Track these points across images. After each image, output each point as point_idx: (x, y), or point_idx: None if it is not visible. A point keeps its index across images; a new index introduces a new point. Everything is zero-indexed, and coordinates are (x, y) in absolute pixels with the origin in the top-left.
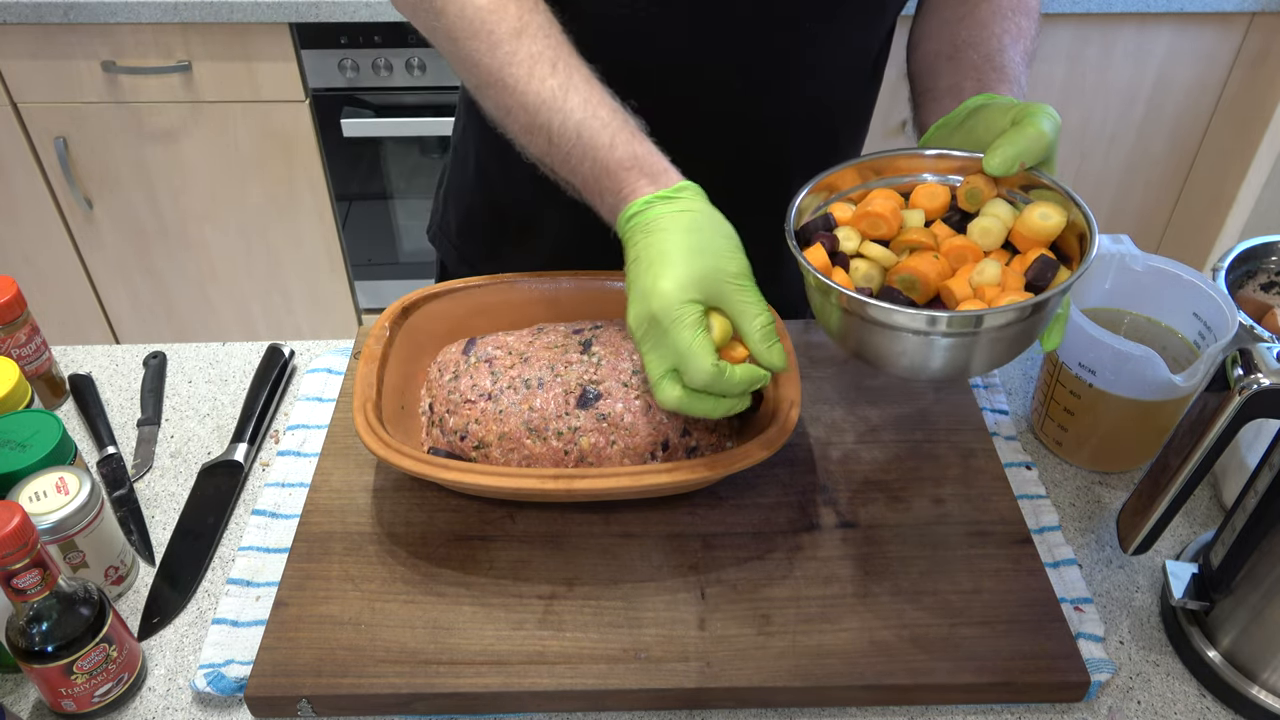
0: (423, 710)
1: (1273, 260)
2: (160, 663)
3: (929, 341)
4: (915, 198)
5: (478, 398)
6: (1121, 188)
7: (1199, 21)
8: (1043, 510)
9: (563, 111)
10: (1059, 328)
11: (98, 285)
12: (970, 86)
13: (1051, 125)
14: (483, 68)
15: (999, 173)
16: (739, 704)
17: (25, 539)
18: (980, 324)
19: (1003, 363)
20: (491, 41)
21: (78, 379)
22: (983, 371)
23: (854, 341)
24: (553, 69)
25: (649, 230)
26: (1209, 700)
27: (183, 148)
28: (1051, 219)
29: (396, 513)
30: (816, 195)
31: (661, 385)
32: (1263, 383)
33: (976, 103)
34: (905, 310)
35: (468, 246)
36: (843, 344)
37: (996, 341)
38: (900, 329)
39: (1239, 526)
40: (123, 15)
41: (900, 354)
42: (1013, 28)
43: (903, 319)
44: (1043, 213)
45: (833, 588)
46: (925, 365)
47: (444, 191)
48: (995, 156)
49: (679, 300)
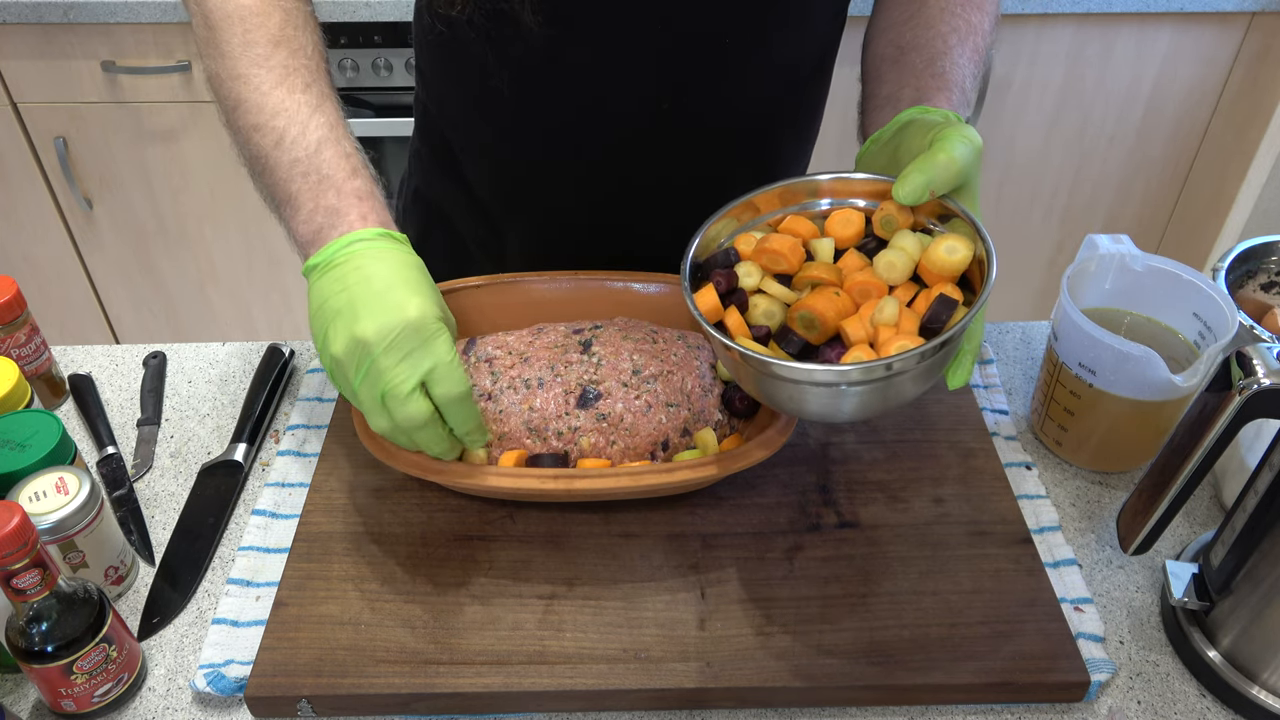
0: (423, 710)
1: (1273, 260)
2: (160, 663)
3: (801, 390)
4: (830, 224)
5: (478, 398)
6: (1121, 188)
7: (1199, 21)
8: (1043, 510)
9: (304, 125)
10: (963, 365)
11: (98, 285)
12: (908, 96)
13: (965, 150)
14: (230, 59)
15: (907, 202)
16: (739, 704)
17: (25, 539)
18: (847, 378)
19: (892, 408)
20: (247, 40)
21: (78, 379)
22: (870, 416)
23: (749, 385)
24: (305, 88)
25: (381, 257)
26: (1209, 700)
27: (183, 148)
28: (958, 253)
29: (396, 513)
30: (730, 221)
31: (412, 398)
32: (1263, 383)
33: (905, 118)
34: (769, 359)
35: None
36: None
37: (878, 389)
38: (776, 378)
39: (1239, 526)
40: (123, 15)
41: (785, 400)
42: (961, 25)
43: (780, 370)
44: (949, 246)
45: (833, 588)
46: (802, 410)
47: (401, 203)
48: (904, 185)
49: (435, 316)
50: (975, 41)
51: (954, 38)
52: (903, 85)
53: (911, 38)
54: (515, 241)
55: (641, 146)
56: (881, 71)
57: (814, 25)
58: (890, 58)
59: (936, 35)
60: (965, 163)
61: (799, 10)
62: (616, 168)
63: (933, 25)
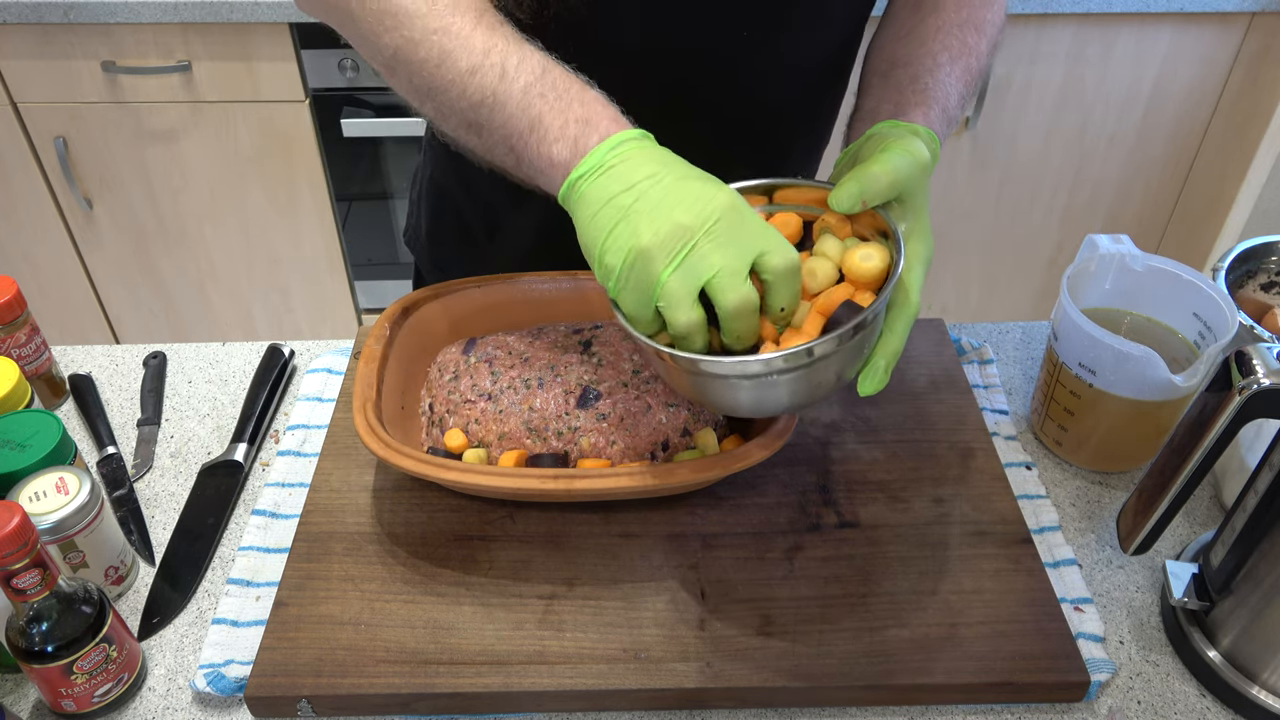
0: (423, 710)
1: (1273, 260)
2: (160, 663)
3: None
4: None
5: (478, 398)
6: (1121, 188)
7: (1199, 21)
8: (1043, 510)
9: (520, 54)
10: (874, 373)
11: (98, 285)
12: (887, 110)
13: (903, 162)
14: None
15: (839, 209)
16: (739, 704)
17: (25, 539)
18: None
19: (818, 397)
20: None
21: (78, 379)
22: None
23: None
24: (501, 23)
25: (656, 155)
26: (1209, 700)
27: (183, 148)
28: (872, 260)
29: (396, 513)
30: None
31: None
32: (1263, 383)
33: (875, 130)
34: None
35: (437, 250)
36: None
37: (803, 376)
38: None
39: (1239, 526)
40: (123, 15)
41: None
42: (954, 44)
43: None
44: (864, 254)
45: (833, 588)
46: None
47: (415, 194)
48: (837, 193)
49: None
50: (968, 62)
51: (944, 55)
52: (884, 100)
53: (904, 54)
54: (526, 230)
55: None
56: (870, 85)
57: (832, 25)
58: (880, 71)
59: (927, 53)
60: (899, 175)
61: (815, 7)
62: None
63: (926, 43)
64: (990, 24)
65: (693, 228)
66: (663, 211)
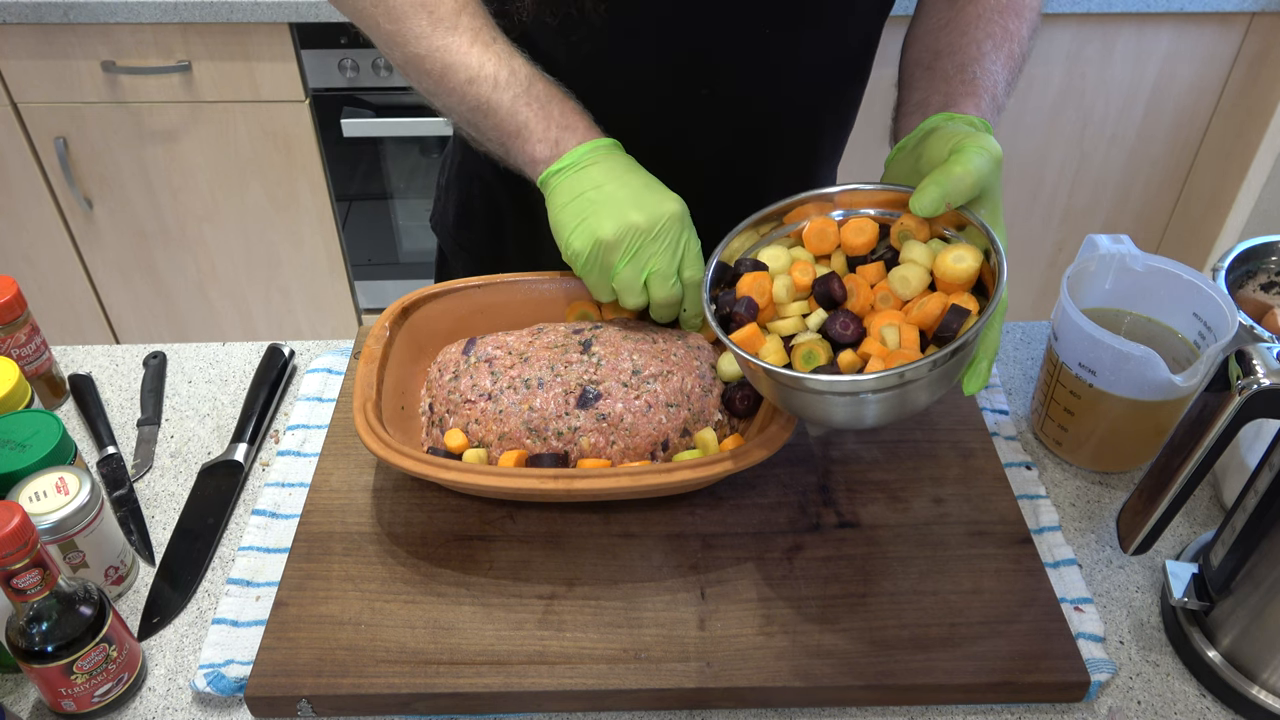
0: (423, 710)
1: (1273, 260)
2: (160, 663)
3: (825, 400)
4: (844, 233)
5: (478, 398)
6: (1121, 188)
7: (1199, 21)
8: (1043, 510)
9: (510, 67)
10: (979, 371)
11: (98, 285)
12: (936, 102)
13: (982, 161)
14: (426, 38)
15: (923, 214)
16: (739, 704)
17: (25, 539)
18: (862, 387)
19: (909, 413)
20: (434, 18)
21: (78, 379)
22: (891, 421)
23: (785, 404)
24: (493, 40)
25: (624, 162)
26: (1209, 700)
27: (183, 148)
28: (965, 262)
29: (396, 513)
30: (750, 234)
31: (673, 279)
32: (1263, 383)
33: (930, 124)
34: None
35: (464, 235)
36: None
37: (895, 396)
38: (804, 390)
39: (1239, 526)
40: (123, 15)
41: (812, 411)
42: (997, 31)
43: (807, 383)
44: (957, 255)
45: (833, 588)
46: (830, 419)
47: (444, 180)
48: (920, 198)
49: (686, 211)
50: (1011, 48)
51: (989, 44)
52: (932, 91)
53: (946, 44)
54: None
55: (680, 134)
56: (914, 77)
57: (854, 20)
58: (924, 63)
59: (971, 41)
60: (981, 174)
61: (837, 3)
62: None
63: (967, 32)
64: (1029, 7)
65: (644, 229)
66: (621, 210)
